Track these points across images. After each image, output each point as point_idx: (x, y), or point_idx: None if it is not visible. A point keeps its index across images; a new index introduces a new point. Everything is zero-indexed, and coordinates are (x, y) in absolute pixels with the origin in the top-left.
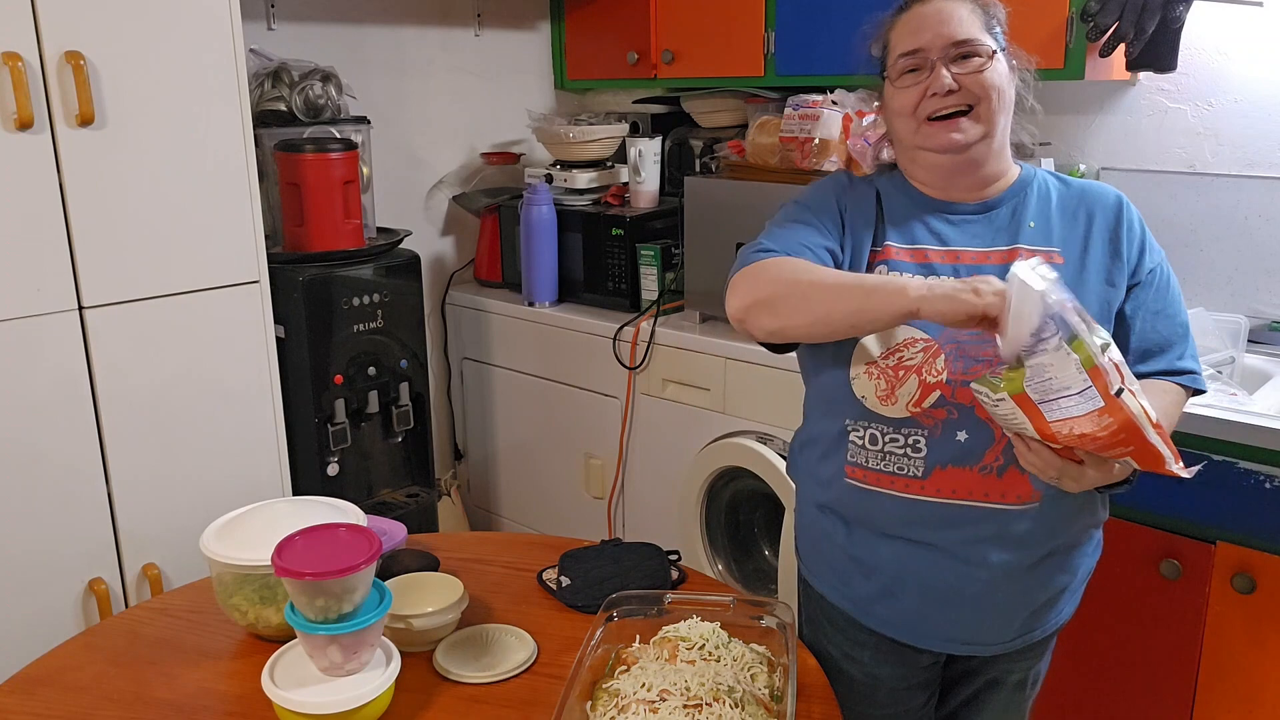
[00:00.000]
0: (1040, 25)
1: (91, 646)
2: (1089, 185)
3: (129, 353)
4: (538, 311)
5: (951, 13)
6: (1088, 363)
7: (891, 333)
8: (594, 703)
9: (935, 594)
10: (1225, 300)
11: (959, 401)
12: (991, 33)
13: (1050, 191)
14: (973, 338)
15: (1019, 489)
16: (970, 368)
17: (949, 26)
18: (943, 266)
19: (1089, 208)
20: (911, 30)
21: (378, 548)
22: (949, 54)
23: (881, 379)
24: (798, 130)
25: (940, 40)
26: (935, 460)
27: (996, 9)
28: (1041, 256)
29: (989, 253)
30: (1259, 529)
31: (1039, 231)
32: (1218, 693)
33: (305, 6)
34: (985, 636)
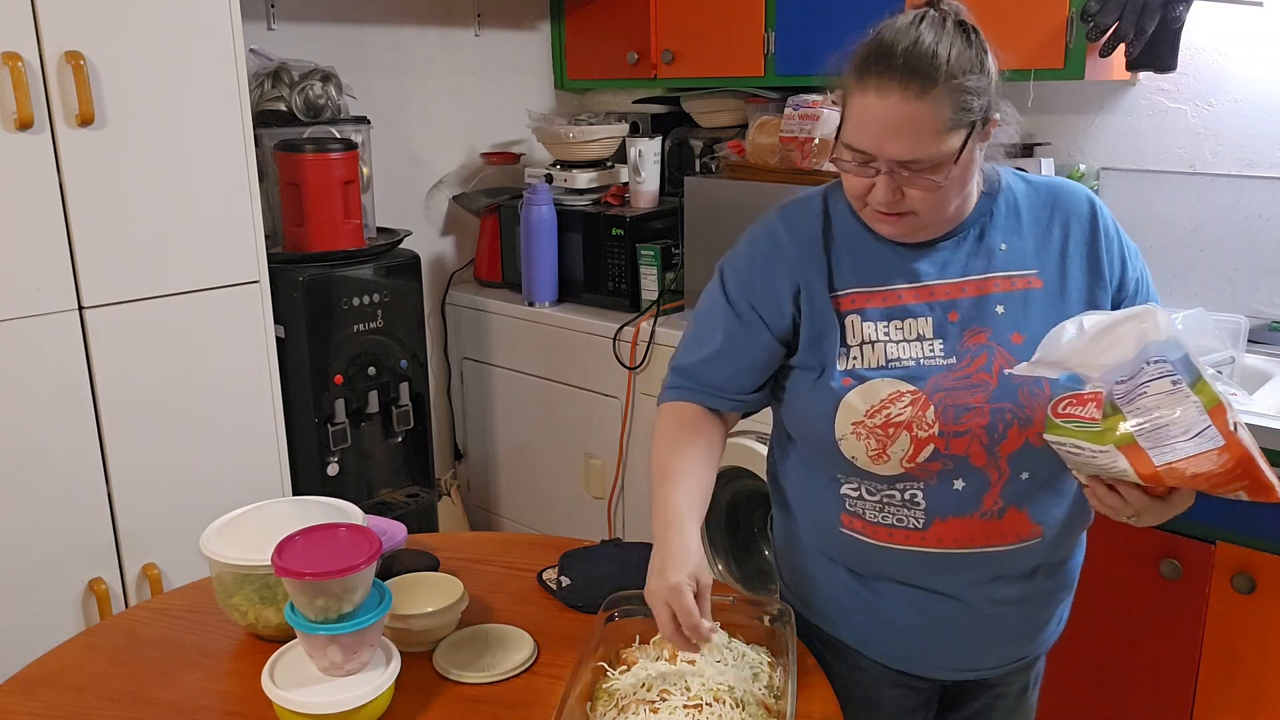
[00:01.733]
0: (1040, 25)
1: (91, 646)
2: (1057, 186)
3: (129, 353)
4: (538, 311)
5: (905, 121)
6: (1211, 403)
7: (874, 387)
8: (594, 703)
9: (939, 632)
10: (1225, 300)
11: (953, 453)
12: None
13: (1018, 201)
14: (958, 385)
15: (1019, 528)
16: (961, 416)
17: (897, 143)
18: (918, 306)
19: (1063, 217)
20: (860, 125)
21: (378, 548)
22: (895, 166)
23: (871, 439)
24: (798, 130)
25: (886, 154)
26: (935, 512)
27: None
28: (1019, 282)
29: (963, 284)
30: (1259, 529)
31: (1012, 254)
32: (1218, 693)
33: (305, 6)
34: (989, 662)
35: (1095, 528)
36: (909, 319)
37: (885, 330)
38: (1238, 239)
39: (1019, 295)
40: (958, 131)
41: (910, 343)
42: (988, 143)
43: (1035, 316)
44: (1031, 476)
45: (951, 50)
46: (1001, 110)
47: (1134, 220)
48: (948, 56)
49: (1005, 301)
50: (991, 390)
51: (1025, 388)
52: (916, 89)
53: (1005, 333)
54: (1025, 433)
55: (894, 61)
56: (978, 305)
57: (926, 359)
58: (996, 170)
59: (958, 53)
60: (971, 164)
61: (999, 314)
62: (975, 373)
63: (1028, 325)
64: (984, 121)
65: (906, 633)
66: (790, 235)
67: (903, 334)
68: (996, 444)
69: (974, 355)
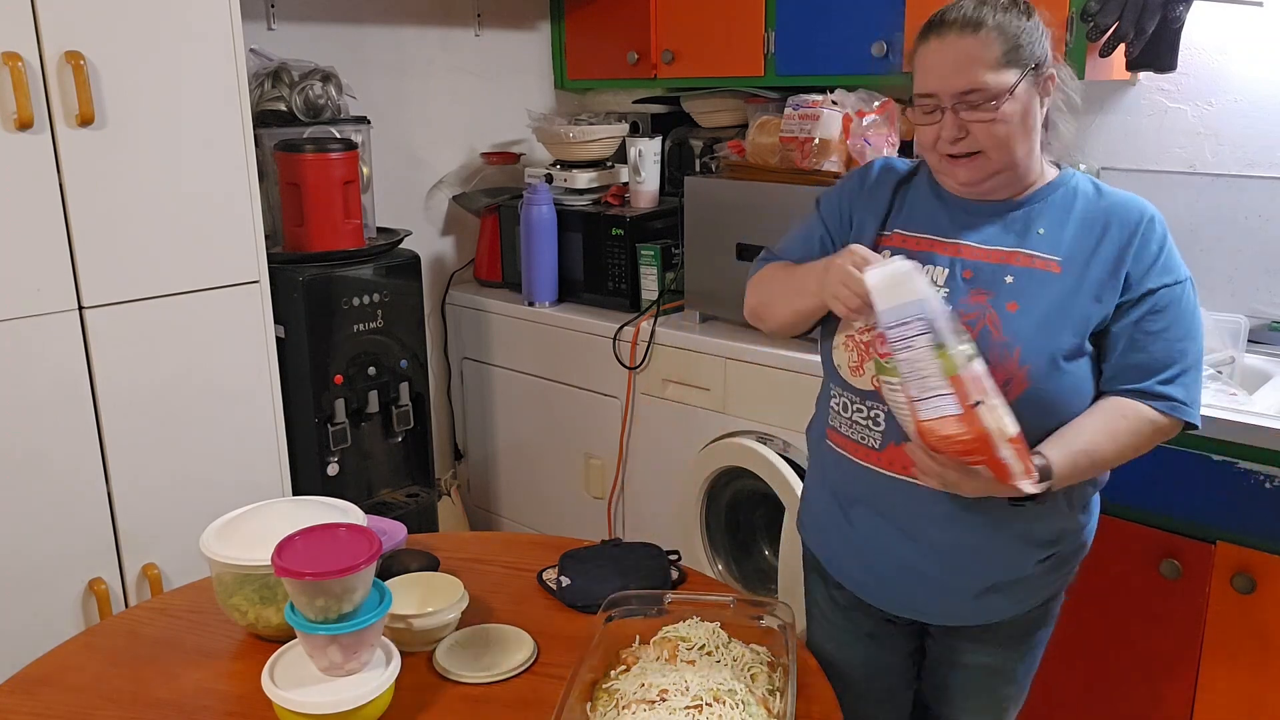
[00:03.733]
0: None
1: (91, 646)
2: (1122, 200)
3: (129, 353)
4: (538, 311)
5: (962, 55)
6: (949, 370)
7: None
8: (594, 703)
9: (888, 560)
10: (1225, 300)
11: None
12: (1012, 58)
13: (1076, 200)
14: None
15: None
16: None
17: (956, 75)
18: (941, 257)
19: (1109, 221)
20: (925, 70)
21: (378, 548)
22: (957, 100)
23: (854, 351)
24: (798, 130)
25: (948, 88)
26: (890, 436)
27: (1022, 23)
28: (1039, 263)
29: (990, 251)
30: (1259, 529)
31: (1046, 239)
32: (1218, 693)
33: (305, 6)
34: (932, 608)
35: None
36: (929, 265)
37: None
38: (1238, 239)
39: (1033, 273)
40: (1011, 69)
41: None
42: (1049, 100)
43: (1038, 294)
44: None
45: (998, 8)
46: (1060, 73)
47: None
48: (995, 8)
49: (1018, 275)
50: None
51: (995, 350)
52: (970, 28)
53: (1004, 300)
54: None
55: (948, 15)
56: (993, 271)
57: None
58: (1074, 172)
59: (1004, 9)
60: (1031, 111)
61: (1007, 283)
62: (962, 323)
63: (1028, 299)
64: (1038, 70)
65: (870, 563)
66: (879, 174)
67: None
68: None
69: (969, 309)
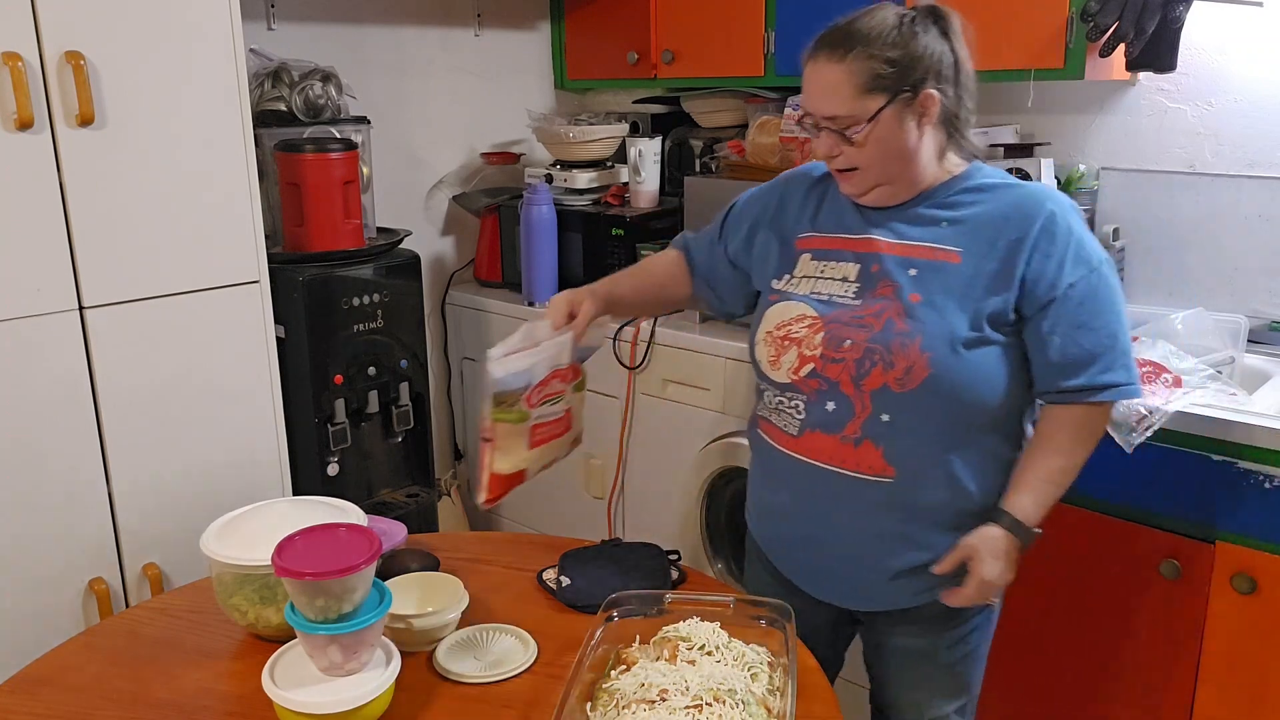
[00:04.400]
0: (1040, 25)
1: (91, 646)
2: (1024, 194)
3: (129, 353)
4: (538, 311)
5: (826, 82)
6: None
7: (789, 307)
8: (594, 703)
9: (806, 543)
10: (1225, 300)
11: (828, 375)
12: (878, 86)
13: (980, 194)
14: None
15: (872, 463)
16: (840, 346)
17: (821, 100)
18: (852, 254)
19: (1012, 215)
20: (804, 91)
21: (378, 548)
22: (826, 123)
23: (771, 347)
24: (798, 130)
25: (816, 112)
26: (808, 424)
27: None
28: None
29: (897, 245)
30: (1259, 529)
31: (949, 231)
32: (1218, 693)
33: (305, 6)
34: (844, 591)
35: (1096, 528)
36: (841, 263)
37: (821, 268)
38: (1238, 239)
39: (934, 265)
40: (876, 96)
41: (834, 281)
42: (930, 119)
43: (939, 285)
44: (892, 420)
45: (876, 27)
46: (944, 91)
47: (1134, 220)
48: (868, 31)
49: (920, 267)
50: (874, 333)
51: (898, 340)
52: (839, 55)
53: (908, 291)
54: (886, 376)
55: (826, 34)
56: (897, 265)
57: (838, 297)
58: (981, 165)
59: (882, 30)
60: (901, 134)
61: (910, 275)
62: (868, 316)
63: (929, 289)
64: (914, 91)
65: (797, 548)
66: (781, 190)
67: (831, 274)
68: (862, 378)
69: (875, 302)
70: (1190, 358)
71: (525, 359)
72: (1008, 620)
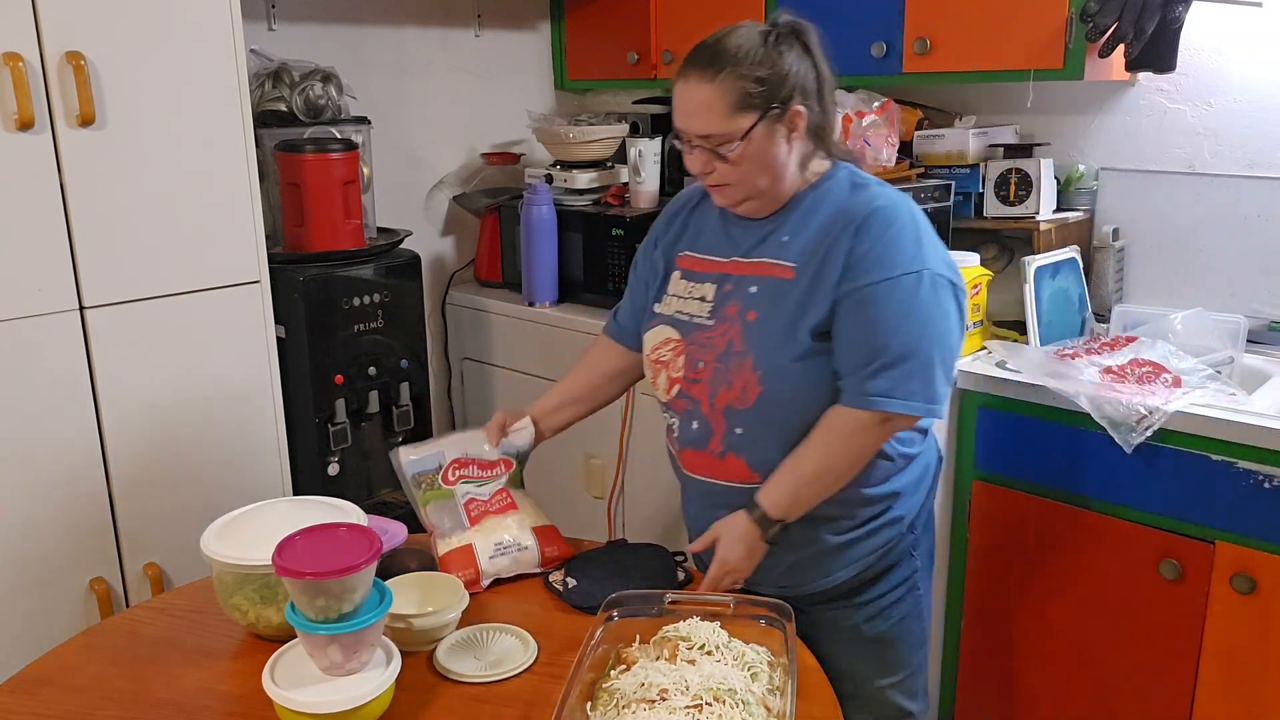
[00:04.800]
0: (1040, 25)
1: (91, 646)
2: (862, 199)
3: (129, 353)
4: (538, 311)
5: (698, 102)
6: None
7: (660, 331)
8: (594, 703)
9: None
10: (1225, 300)
11: (692, 395)
12: (748, 104)
13: (823, 203)
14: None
15: (739, 473)
16: (696, 368)
17: (694, 120)
18: (710, 274)
19: (837, 220)
20: (676, 109)
21: (378, 547)
22: (699, 141)
23: (650, 370)
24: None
25: (689, 131)
26: (683, 442)
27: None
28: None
29: (744, 263)
30: (1259, 529)
31: (788, 245)
32: (1218, 693)
33: (305, 7)
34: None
35: (1096, 528)
36: (702, 283)
37: (689, 288)
38: (1237, 239)
39: (772, 281)
40: (747, 114)
41: (694, 300)
42: (799, 134)
43: (773, 301)
44: (745, 432)
45: (743, 46)
46: (809, 106)
47: (1133, 220)
48: (736, 50)
49: (760, 284)
50: (718, 352)
51: (735, 360)
52: (710, 75)
53: (747, 310)
54: (729, 395)
55: (695, 54)
56: (740, 283)
57: (695, 317)
58: (837, 170)
59: (750, 48)
60: (771, 148)
61: (751, 293)
62: (717, 336)
63: (765, 307)
64: (783, 107)
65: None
66: (667, 216)
67: (693, 294)
68: (713, 397)
69: (723, 321)
70: (1190, 358)
71: (430, 447)
72: (1008, 620)
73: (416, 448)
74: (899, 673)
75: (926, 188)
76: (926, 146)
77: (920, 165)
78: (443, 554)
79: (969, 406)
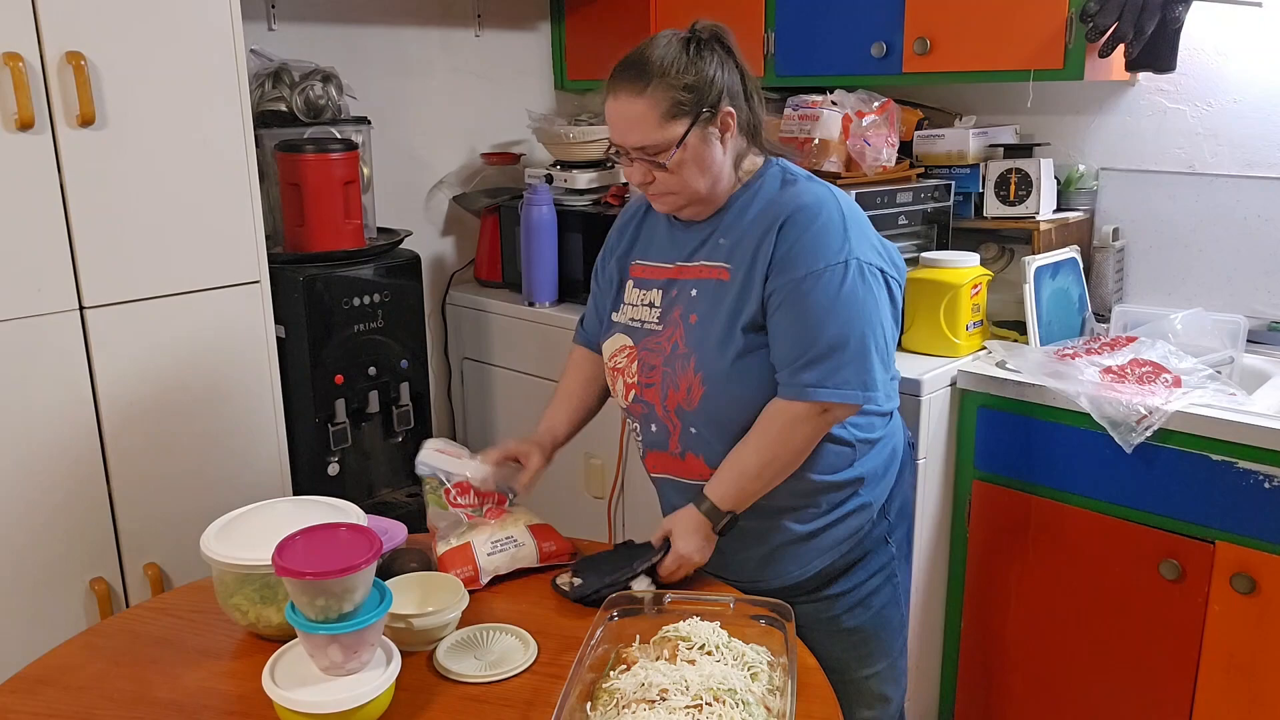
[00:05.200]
0: (1040, 25)
1: (92, 646)
2: (786, 196)
3: (129, 353)
4: (538, 311)
5: (631, 115)
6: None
7: (616, 339)
8: (594, 703)
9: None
10: (1225, 300)
11: (647, 399)
12: (679, 111)
13: (754, 202)
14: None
15: (700, 470)
16: (649, 373)
17: (630, 133)
18: (656, 280)
19: (765, 215)
20: (611, 125)
21: (378, 547)
22: (636, 153)
23: (609, 376)
24: (797, 130)
25: (625, 143)
26: (647, 445)
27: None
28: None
29: (685, 267)
30: (1259, 529)
31: (723, 248)
32: (1218, 693)
33: (306, 7)
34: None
35: (1096, 528)
36: (650, 289)
37: (641, 295)
38: (1237, 239)
39: (710, 284)
40: (679, 121)
41: (644, 307)
42: (731, 134)
43: (711, 303)
44: (698, 431)
45: (667, 56)
46: (738, 107)
47: (1133, 220)
48: (661, 61)
49: (699, 287)
50: (666, 355)
51: (679, 361)
52: (639, 89)
53: (689, 312)
54: (677, 396)
55: (621, 70)
56: (682, 288)
57: (646, 322)
58: (768, 168)
59: (673, 58)
60: (707, 151)
61: (693, 296)
62: (665, 340)
63: (704, 309)
64: (713, 111)
65: None
66: (618, 227)
67: (643, 300)
68: (664, 399)
69: (670, 325)
70: (1190, 358)
71: (452, 457)
72: (1008, 620)
73: (443, 449)
74: (880, 662)
75: (926, 188)
76: (926, 146)
77: (920, 165)
78: (441, 554)
79: (969, 406)
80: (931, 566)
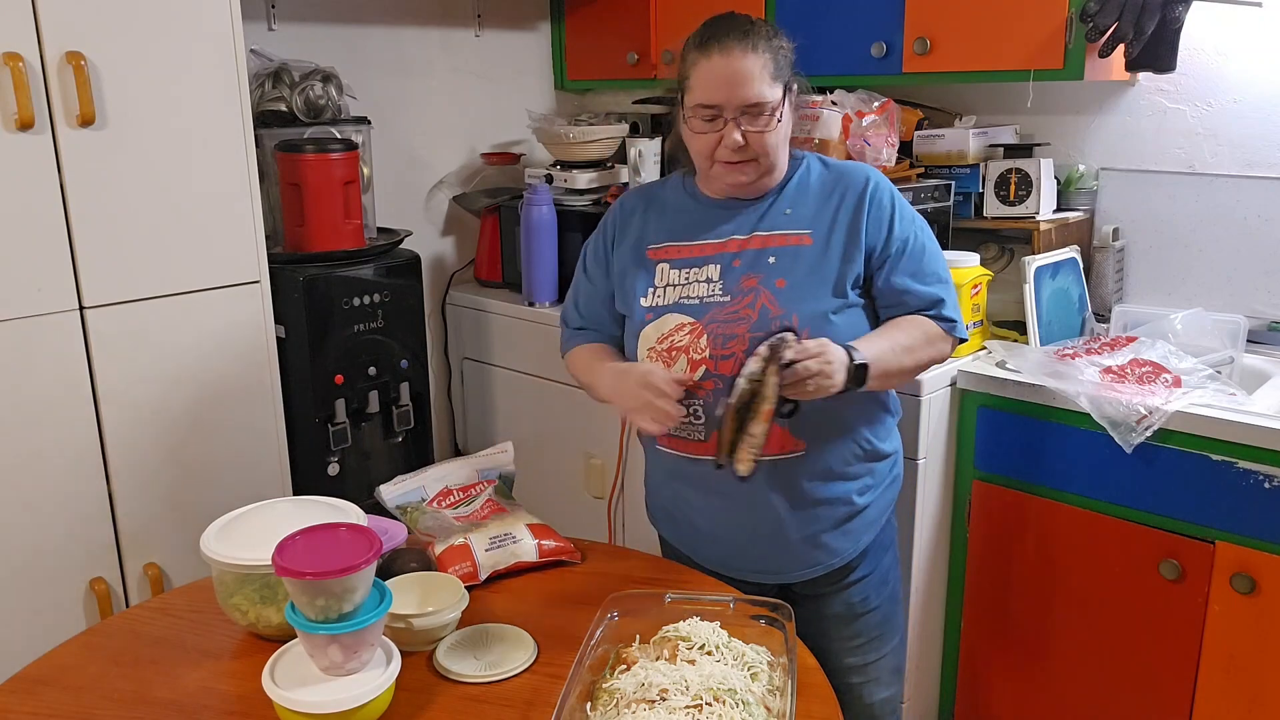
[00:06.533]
0: (1040, 25)
1: (92, 646)
2: (846, 168)
3: (129, 353)
4: (538, 311)
5: (747, 72)
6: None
7: (665, 320)
8: (594, 702)
9: (739, 534)
10: (1225, 300)
11: (721, 373)
12: (779, 75)
13: (810, 177)
14: (729, 318)
15: (781, 442)
16: (727, 343)
17: (744, 89)
18: (712, 256)
19: (842, 190)
20: (711, 84)
21: (378, 547)
22: (740, 113)
23: (660, 361)
24: (797, 130)
25: (735, 101)
26: (711, 425)
27: (780, 43)
28: (793, 239)
29: (751, 239)
30: (1259, 529)
31: (794, 218)
32: (1218, 693)
33: (306, 7)
34: (780, 566)
35: (1096, 528)
36: (704, 265)
37: (684, 275)
38: (1237, 239)
39: (790, 250)
40: (780, 83)
41: (700, 284)
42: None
43: (800, 267)
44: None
45: (761, 29)
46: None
47: (1133, 220)
48: (764, 25)
49: (778, 254)
50: (752, 322)
51: (776, 323)
52: (751, 45)
53: (773, 278)
54: None
55: (731, 30)
56: (757, 255)
57: (708, 298)
58: (802, 155)
59: (764, 30)
60: (789, 121)
61: (771, 264)
62: (743, 309)
63: (792, 274)
64: (796, 85)
65: (711, 538)
66: (629, 206)
67: (695, 278)
68: None
69: (745, 294)
70: (1190, 358)
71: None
72: (1008, 620)
73: (397, 483)
74: (894, 638)
75: (926, 188)
76: (926, 146)
77: (920, 165)
78: (440, 552)
79: (969, 406)
80: (931, 566)
